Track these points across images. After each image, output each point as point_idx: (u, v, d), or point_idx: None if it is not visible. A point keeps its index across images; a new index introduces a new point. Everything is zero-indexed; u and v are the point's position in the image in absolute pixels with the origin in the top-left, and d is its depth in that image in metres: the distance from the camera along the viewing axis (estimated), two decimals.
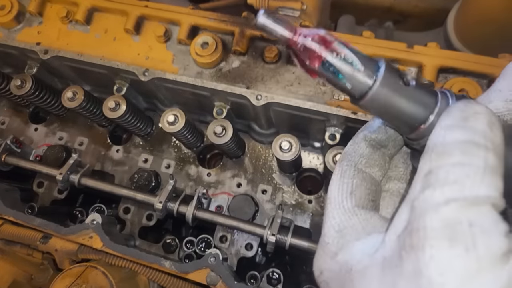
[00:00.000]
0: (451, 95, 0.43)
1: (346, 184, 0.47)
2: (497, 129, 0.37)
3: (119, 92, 1.36)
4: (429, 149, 0.38)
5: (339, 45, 0.39)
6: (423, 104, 0.41)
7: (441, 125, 0.39)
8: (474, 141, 0.36)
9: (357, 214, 0.45)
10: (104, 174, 1.53)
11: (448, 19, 1.79)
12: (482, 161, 0.35)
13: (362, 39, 1.20)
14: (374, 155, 0.50)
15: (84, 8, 1.35)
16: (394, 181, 0.53)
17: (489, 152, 0.35)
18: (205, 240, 1.43)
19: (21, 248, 1.40)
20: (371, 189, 0.48)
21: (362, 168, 0.49)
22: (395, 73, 0.41)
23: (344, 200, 0.45)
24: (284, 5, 1.33)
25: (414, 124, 0.42)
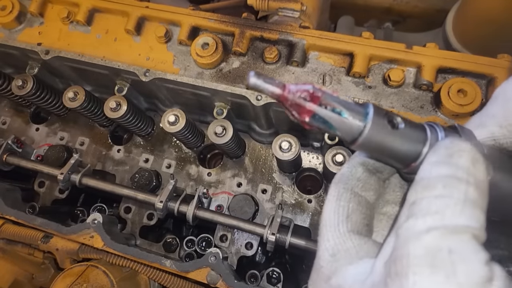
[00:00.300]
0: (440, 129, 0.45)
1: (343, 208, 0.48)
2: (481, 165, 0.39)
3: (120, 92, 1.36)
4: (416, 183, 0.40)
5: (327, 97, 0.41)
6: (413, 143, 0.43)
7: (428, 161, 0.41)
8: (456, 176, 0.38)
9: (351, 239, 0.46)
10: (105, 174, 1.54)
11: (447, 19, 1.80)
12: (463, 194, 0.36)
13: (361, 40, 1.21)
14: (370, 179, 0.51)
15: (85, 8, 1.36)
16: (392, 204, 0.53)
17: (470, 186, 0.37)
18: (205, 239, 1.44)
19: (22, 247, 1.41)
20: (366, 214, 0.49)
21: (359, 192, 0.50)
22: (383, 116, 0.42)
23: (340, 223, 0.46)
24: (284, 6, 1.34)
25: (405, 162, 0.44)
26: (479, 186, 0.38)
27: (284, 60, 1.26)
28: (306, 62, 1.25)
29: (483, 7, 1.55)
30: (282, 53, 1.26)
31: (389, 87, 1.19)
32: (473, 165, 0.38)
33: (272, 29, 1.25)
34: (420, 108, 1.16)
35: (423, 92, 1.18)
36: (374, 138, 0.42)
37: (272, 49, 1.24)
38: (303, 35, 1.23)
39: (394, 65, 1.20)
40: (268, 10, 1.39)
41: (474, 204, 0.36)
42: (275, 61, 1.25)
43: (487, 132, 0.48)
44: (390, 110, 1.18)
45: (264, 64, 1.26)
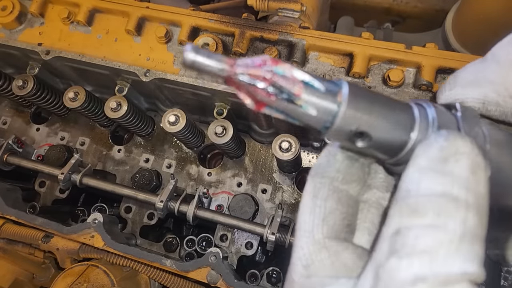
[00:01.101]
0: (429, 108, 0.37)
1: (319, 208, 0.40)
2: (482, 172, 0.32)
3: (120, 92, 1.37)
4: (401, 198, 0.32)
5: (292, 67, 0.33)
6: (398, 128, 0.35)
7: (416, 164, 0.33)
8: (452, 195, 0.30)
9: (327, 247, 0.39)
10: (105, 173, 1.54)
11: (447, 20, 1.80)
12: (460, 225, 0.29)
13: (361, 40, 1.21)
14: (352, 168, 0.43)
15: (85, 9, 1.36)
16: (373, 190, 0.45)
17: (469, 211, 0.30)
18: (205, 239, 1.44)
19: (23, 247, 1.41)
20: (347, 212, 0.42)
21: (339, 186, 0.41)
22: (361, 96, 0.35)
23: (315, 228, 0.39)
24: (284, 7, 1.34)
25: (390, 152, 0.37)
26: (479, 205, 0.31)
27: (284, 60, 1.26)
28: (306, 62, 1.25)
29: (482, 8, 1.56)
30: (282, 54, 1.27)
31: (388, 87, 1.19)
32: (473, 174, 0.31)
33: (272, 30, 1.26)
34: None
35: (422, 92, 1.18)
36: (350, 125, 0.34)
37: (272, 49, 1.24)
38: (303, 35, 1.23)
39: (394, 65, 1.20)
40: (268, 11, 1.39)
41: (473, 238, 0.30)
42: None
43: (479, 94, 0.42)
44: None
45: None
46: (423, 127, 0.36)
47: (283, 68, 0.33)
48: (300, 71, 0.34)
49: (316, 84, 0.34)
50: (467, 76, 0.45)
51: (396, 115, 0.36)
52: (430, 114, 0.37)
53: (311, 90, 0.33)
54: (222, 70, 0.33)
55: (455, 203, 0.30)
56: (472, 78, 0.44)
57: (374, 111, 0.35)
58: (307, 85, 0.33)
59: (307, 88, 0.33)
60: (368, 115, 0.34)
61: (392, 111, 0.36)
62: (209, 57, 0.32)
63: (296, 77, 0.33)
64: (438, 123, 0.36)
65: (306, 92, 0.33)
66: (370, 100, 0.35)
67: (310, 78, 0.34)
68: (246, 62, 0.33)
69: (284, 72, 0.33)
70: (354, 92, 0.34)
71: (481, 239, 0.30)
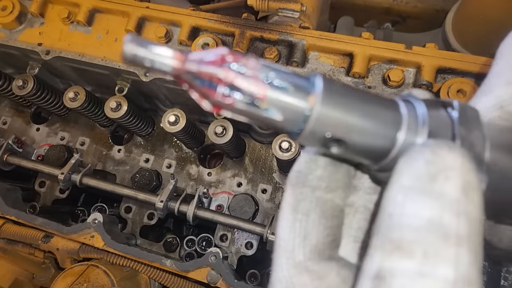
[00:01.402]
0: (419, 105, 0.32)
1: (300, 223, 0.35)
2: (475, 191, 0.28)
3: (120, 92, 1.37)
4: (384, 226, 0.28)
5: (256, 62, 0.29)
6: (382, 127, 0.31)
7: (399, 183, 0.29)
8: (441, 225, 0.26)
9: (309, 271, 0.35)
10: (105, 173, 1.54)
11: (447, 20, 1.80)
12: (451, 269, 0.25)
13: (361, 40, 1.21)
14: (337, 174, 0.38)
15: (85, 9, 1.36)
16: (359, 192, 0.40)
17: (462, 246, 0.26)
18: (205, 239, 1.44)
19: (23, 247, 1.41)
20: (332, 226, 0.37)
21: (322, 196, 0.36)
22: (337, 93, 0.30)
23: (296, 248, 0.35)
24: (284, 7, 1.34)
25: (374, 156, 0.32)
26: (473, 233, 0.27)
27: (284, 60, 1.26)
28: (306, 62, 1.25)
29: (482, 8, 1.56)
30: (282, 54, 1.27)
31: (388, 87, 1.19)
32: (465, 195, 0.27)
33: (272, 30, 1.26)
34: None
35: None
36: (325, 129, 0.30)
37: (272, 49, 1.24)
38: (303, 35, 1.23)
39: (394, 65, 1.20)
40: (268, 11, 1.39)
41: (467, 282, 0.26)
42: (275, 61, 1.26)
43: (492, 99, 0.37)
44: None
45: None
46: (411, 128, 0.31)
47: (243, 64, 0.28)
48: (265, 67, 0.29)
49: (284, 83, 0.29)
50: (482, 88, 0.40)
51: (379, 116, 0.31)
52: (420, 113, 0.32)
53: (277, 90, 0.29)
54: (170, 66, 0.28)
55: (445, 238, 0.26)
56: (483, 88, 0.39)
57: (353, 111, 0.30)
58: (272, 84, 0.29)
59: (272, 88, 0.29)
60: (345, 117, 0.30)
61: (374, 111, 0.31)
62: (153, 50, 0.28)
63: (259, 75, 0.29)
64: (429, 125, 0.31)
65: (272, 93, 0.28)
66: (348, 99, 0.30)
67: (277, 75, 0.29)
68: (200, 57, 0.28)
69: (244, 70, 0.28)
70: (329, 90, 0.29)
71: (477, 279, 0.27)
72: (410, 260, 0.26)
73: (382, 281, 0.26)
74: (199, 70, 0.28)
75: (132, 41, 0.28)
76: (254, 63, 0.29)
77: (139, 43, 0.28)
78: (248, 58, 0.29)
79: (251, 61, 0.29)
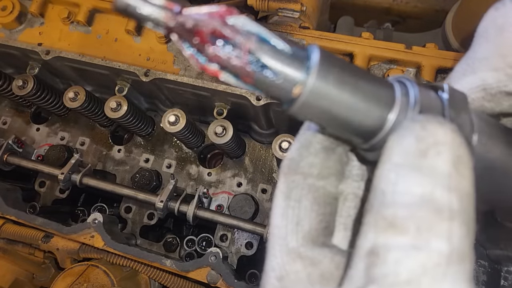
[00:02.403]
0: (413, 87, 0.32)
1: (292, 210, 0.35)
2: (466, 165, 0.28)
3: (120, 92, 1.37)
4: (377, 203, 0.28)
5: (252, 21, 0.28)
6: (375, 105, 0.31)
7: (390, 160, 0.29)
8: (433, 200, 0.26)
9: (302, 257, 0.34)
10: (105, 173, 1.54)
11: (447, 20, 1.80)
12: (445, 243, 0.26)
13: (361, 40, 1.21)
14: (329, 160, 0.37)
15: (85, 9, 1.36)
16: (348, 180, 0.40)
17: (454, 220, 0.26)
18: (205, 239, 1.44)
19: (23, 247, 1.41)
20: (325, 212, 0.37)
21: (314, 183, 0.36)
22: (334, 65, 0.30)
23: (289, 235, 0.35)
24: (284, 7, 1.34)
25: (364, 133, 0.32)
26: (465, 207, 0.27)
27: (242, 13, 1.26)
28: None
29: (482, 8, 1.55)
30: None
31: None
32: (456, 169, 0.27)
33: (272, 30, 1.26)
34: None
35: None
36: (322, 97, 0.29)
37: None
38: (303, 35, 1.24)
39: (394, 65, 1.20)
40: (268, 11, 1.39)
41: (460, 256, 0.26)
42: None
43: (476, 80, 0.37)
44: None
45: None
46: (403, 107, 0.31)
47: (241, 20, 0.28)
48: (263, 28, 0.29)
49: (281, 45, 0.29)
50: (459, 69, 0.39)
51: (374, 91, 0.31)
52: (412, 94, 0.32)
53: (275, 52, 0.28)
54: (163, 17, 0.27)
55: (437, 213, 0.26)
56: (464, 68, 0.38)
57: (347, 86, 0.30)
58: (269, 45, 0.28)
59: (270, 49, 0.28)
60: (339, 91, 0.29)
61: (370, 86, 0.31)
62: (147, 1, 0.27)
63: (256, 33, 0.28)
64: (421, 106, 0.31)
65: (269, 53, 0.28)
66: (343, 74, 0.30)
67: (274, 37, 0.29)
68: (196, 11, 0.27)
69: (242, 26, 0.28)
70: (325, 63, 0.29)
71: (469, 252, 0.27)
72: (404, 236, 0.26)
73: (376, 257, 0.26)
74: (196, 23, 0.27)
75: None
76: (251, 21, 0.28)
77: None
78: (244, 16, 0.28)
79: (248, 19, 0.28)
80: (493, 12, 0.39)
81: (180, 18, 0.27)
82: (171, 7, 0.27)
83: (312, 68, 0.28)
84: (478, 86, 0.37)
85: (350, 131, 0.32)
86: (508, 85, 0.35)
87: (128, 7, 0.27)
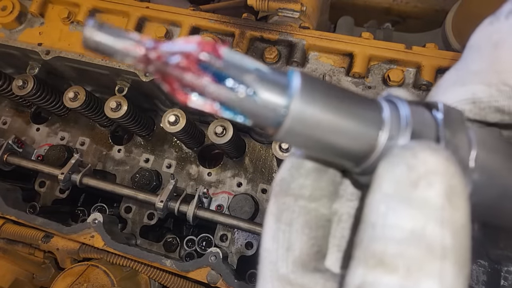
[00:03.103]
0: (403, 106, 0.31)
1: (283, 234, 0.34)
2: (460, 196, 0.27)
3: (120, 92, 1.37)
4: (366, 237, 0.27)
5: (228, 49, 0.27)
6: (365, 129, 0.29)
7: (380, 190, 0.27)
8: (425, 237, 0.25)
9: (292, 284, 0.33)
10: (105, 173, 1.54)
11: (447, 20, 1.80)
12: (437, 284, 0.25)
13: (361, 40, 1.21)
14: (321, 181, 0.36)
15: (85, 9, 1.36)
16: (342, 199, 0.39)
17: (446, 259, 0.25)
18: (205, 239, 1.44)
19: (23, 247, 1.41)
20: (317, 236, 0.35)
21: (306, 205, 0.35)
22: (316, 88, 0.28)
23: (279, 260, 0.34)
24: (284, 7, 1.34)
25: (354, 157, 0.31)
26: (458, 244, 0.26)
27: (284, 60, 1.26)
28: (306, 62, 1.25)
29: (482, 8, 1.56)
30: (282, 54, 1.27)
31: (388, 87, 1.19)
32: (449, 202, 0.26)
33: (272, 30, 1.26)
34: None
35: (422, 92, 1.18)
36: (306, 123, 0.28)
37: (272, 49, 1.24)
38: (303, 35, 1.24)
39: (394, 65, 1.20)
40: (268, 11, 1.39)
41: None
42: (275, 61, 1.26)
43: (466, 93, 0.36)
44: None
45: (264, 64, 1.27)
46: (394, 129, 0.30)
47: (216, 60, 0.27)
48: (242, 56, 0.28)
49: (261, 72, 0.28)
50: (449, 78, 0.38)
51: (360, 115, 0.29)
52: (404, 114, 0.30)
53: (255, 80, 0.27)
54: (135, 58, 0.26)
55: (429, 250, 0.25)
56: (455, 79, 0.37)
57: (332, 110, 0.28)
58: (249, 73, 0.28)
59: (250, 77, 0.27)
60: (324, 116, 0.28)
61: (356, 109, 0.29)
62: (119, 38, 0.26)
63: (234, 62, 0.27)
64: (413, 127, 0.30)
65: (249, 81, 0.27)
66: (327, 97, 0.28)
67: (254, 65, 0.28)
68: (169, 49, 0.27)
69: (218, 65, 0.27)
70: (307, 87, 0.28)
71: None
72: (393, 275, 0.25)
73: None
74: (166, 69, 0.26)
75: (94, 27, 0.25)
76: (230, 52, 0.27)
77: (102, 30, 0.25)
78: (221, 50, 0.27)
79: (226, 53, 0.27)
80: (487, 26, 0.37)
81: (154, 53, 0.26)
82: (143, 43, 0.26)
83: (294, 94, 0.27)
84: (468, 99, 0.36)
85: (339, 156, 0.31)
86: (499, 101, 0.34)
87: (99, 46, 0.26)
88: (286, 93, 0.28)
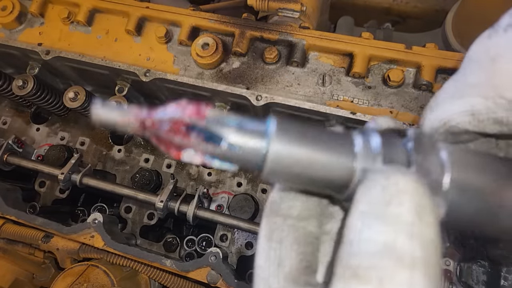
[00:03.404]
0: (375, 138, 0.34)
1: (274, 251, 0.37)
2: (429, 213, 0.29)
3: (120, 92, 1.37)
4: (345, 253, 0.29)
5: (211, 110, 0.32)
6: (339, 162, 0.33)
7: (357, 210, 0.30)
8: (396, 249, 0.27)
9: None
10: (105, 173, 1.54)
11: (447, 20, 1.80)
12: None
13: (361, 40, 1.21)
14: (309, 203, 0.39)
15: (85, 9, 1.36)
16: (335, 219, 0.42)
17: (415, 269, 0.27)
18: (205, 239, 1.44)
19: (23, 247, 1.41)
20: (306, 252, 0.38)
21: (294, 223, 0.38)
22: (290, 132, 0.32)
23: (271, 276, 0.36)
24: (284, 7, 1.34)
25: (338, 186, 0.34)
26: (427, 256, 0.27)
27: (284, 60, 1.26)
28: (306, 62, 1.25)
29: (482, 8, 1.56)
30: (282, 54, 1.27)
31: (388, 87, 1.19)
32: (419, 218, 0.28)
33: (272, 30, 1.26)
34: (419, 108, 1.17)
35: (422, 92, 1.18)
36: (285, 162, 0.32)
37: (272, 49, 1.24)
38: (303, 35, 1.23)
39: (394, 65, 1.20)
40: (268, 11, 1.39)
41: None
42: (275, 61, 1.26)
43: (464, 105, 0.37)
44: None
45: (264, 64, 1.27)
46: (367, 160, 0.33)
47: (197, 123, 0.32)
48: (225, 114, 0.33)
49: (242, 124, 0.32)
50: (448, 90, 0.40)
51: (334, 148, 0.33)
52: (374, 146, 0.34)
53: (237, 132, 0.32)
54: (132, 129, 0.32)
55: (399, 261, 0.27)
56: (453, 91, 0.39)
57: (307, 148, 0.32)
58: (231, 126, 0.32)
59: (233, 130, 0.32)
60: (300, 154, 0.32)
61: (329, 144, 0.33)
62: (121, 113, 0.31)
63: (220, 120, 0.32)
64: (384, 155, 0.33)
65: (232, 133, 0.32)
66: (301, 138, 0.33)
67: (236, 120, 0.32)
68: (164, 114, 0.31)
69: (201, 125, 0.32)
70: (282, 128, 0.32)
71: None
72: (367, 287, 0.26)
73: None
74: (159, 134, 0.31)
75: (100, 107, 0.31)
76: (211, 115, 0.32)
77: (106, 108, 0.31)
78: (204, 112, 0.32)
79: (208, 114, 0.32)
80: (485, 40, 0.39)
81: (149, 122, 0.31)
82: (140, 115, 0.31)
83: (270, 138, 0.32)
84: (466, 111, 0.37)
85: (322, 187, 0.34)
86: (496, 112, 0.36)
87: (106, 121, 0.31)
88: (264, 139, 0.32)
